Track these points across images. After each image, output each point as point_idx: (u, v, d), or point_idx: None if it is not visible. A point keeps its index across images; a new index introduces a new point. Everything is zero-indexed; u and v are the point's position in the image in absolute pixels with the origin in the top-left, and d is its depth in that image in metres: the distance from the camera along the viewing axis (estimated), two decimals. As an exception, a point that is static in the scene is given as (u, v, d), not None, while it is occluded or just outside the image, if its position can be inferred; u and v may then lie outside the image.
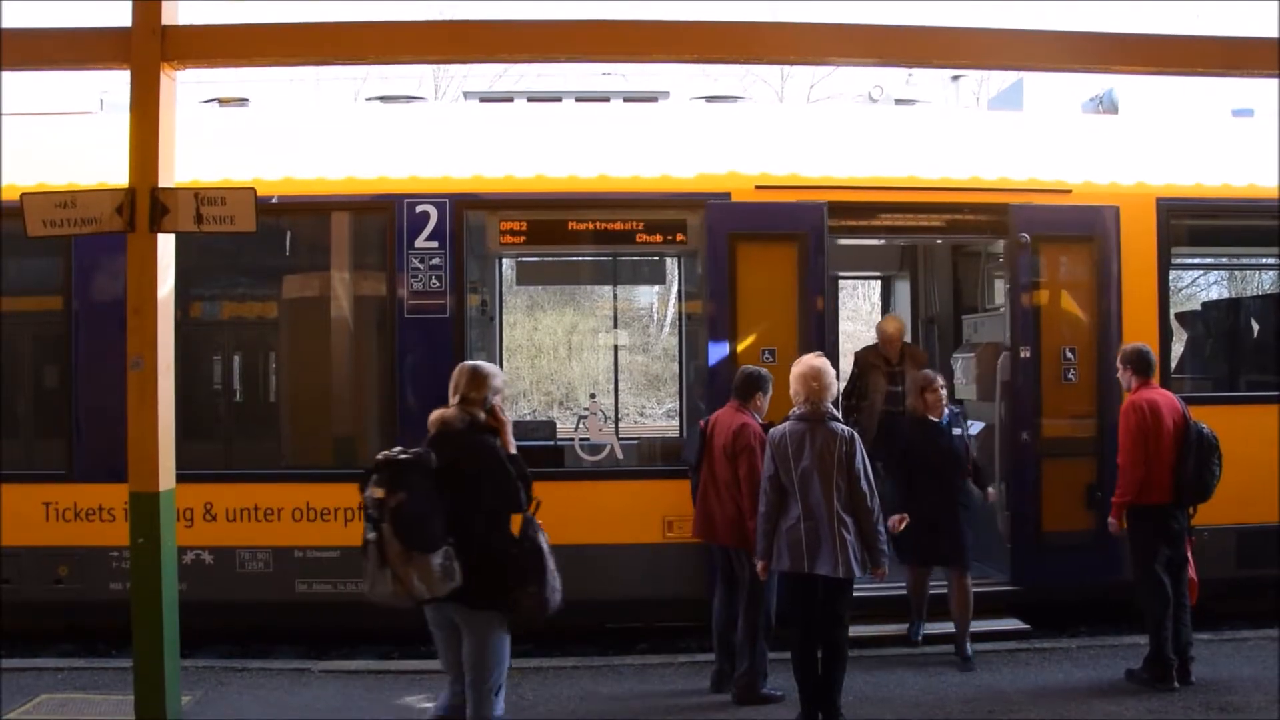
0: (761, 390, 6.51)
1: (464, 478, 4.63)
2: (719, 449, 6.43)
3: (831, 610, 5.88)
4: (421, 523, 4.47)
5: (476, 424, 4.80)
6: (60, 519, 7.73)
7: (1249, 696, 6.48)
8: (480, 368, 4.93)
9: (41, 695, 6.69)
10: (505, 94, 10.67)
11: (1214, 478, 6.58)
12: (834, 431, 5.80)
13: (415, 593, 4.48)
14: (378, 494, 4.45)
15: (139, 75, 5.71)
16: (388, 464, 4.52)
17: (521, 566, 4.69)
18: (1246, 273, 13.11)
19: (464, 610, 4.69)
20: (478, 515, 4.67)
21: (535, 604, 4.72)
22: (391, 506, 4.43)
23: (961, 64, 8.23)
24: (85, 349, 7.72)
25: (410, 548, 4.42)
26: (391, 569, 4.43)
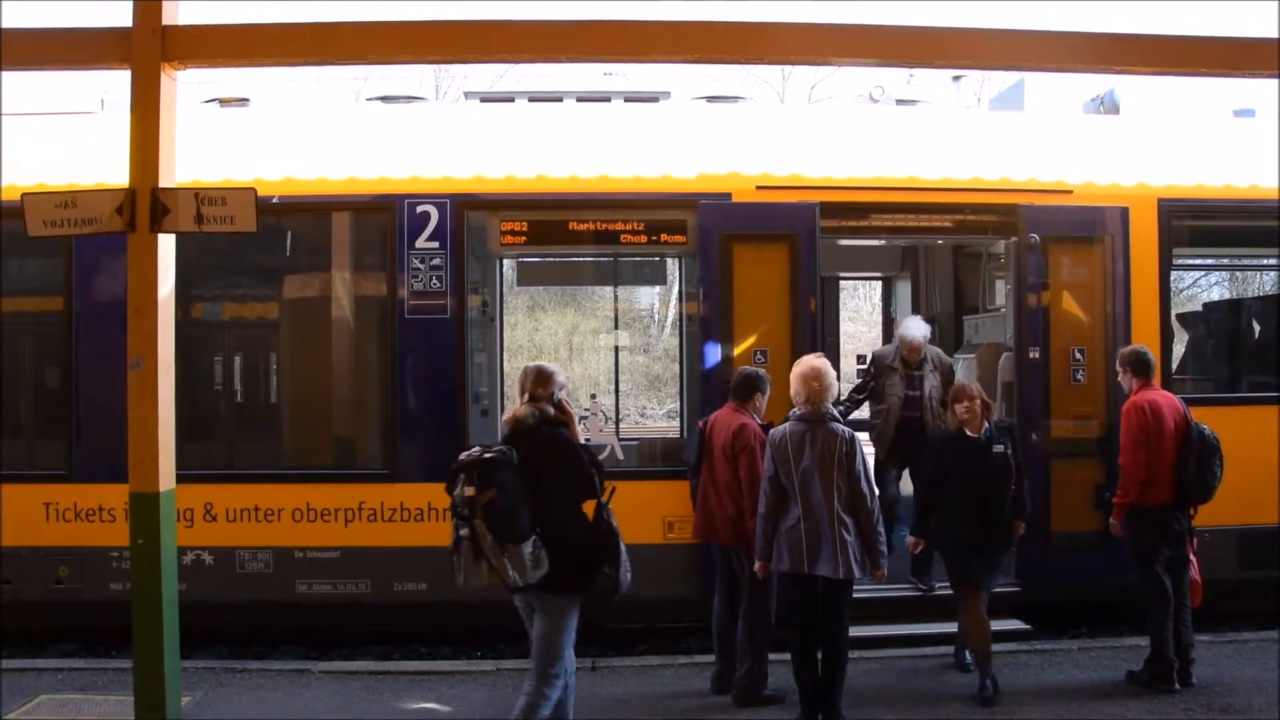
0: (760, 391, 6.53)
1: (540, 469, 4.94)
2: (718, 450, 6.43)
3: (832, 611, 5.90)
4: (512, 516, 4.80)
5: (546, 418, 5.11)
6: (60, 519, 7.74)
7: (1250, 698, 6.48)
8: (544, 368, 5.28)
9: (42, 695, 6.70)
10: (506, 94, 10.67)
11: (1215, 478, 6.61)
12: (834, 432, 5.82)
13: (510, 582, 4.83)
14: (469, 492, 4.79)
15: (139, 75, 5.70)
16: (476, 463, 4.86)
17: (598, 549, 5.04)
18: (1248, 273, 13.09)
19: (545, 595, 5.01)
20: (556, 504, 4.97)
21: (610, 584, 5.06)
22: (483, 503, 4.78)
23: (962, 64, 8.21)
24: (86, 349, 7.72)
25: (503, 540, 4.77)
26: (487, 561, 4.77)
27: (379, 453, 8.02)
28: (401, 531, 7.68)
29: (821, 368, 5.95)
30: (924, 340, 8.29)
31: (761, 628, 6.41)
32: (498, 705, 6.52)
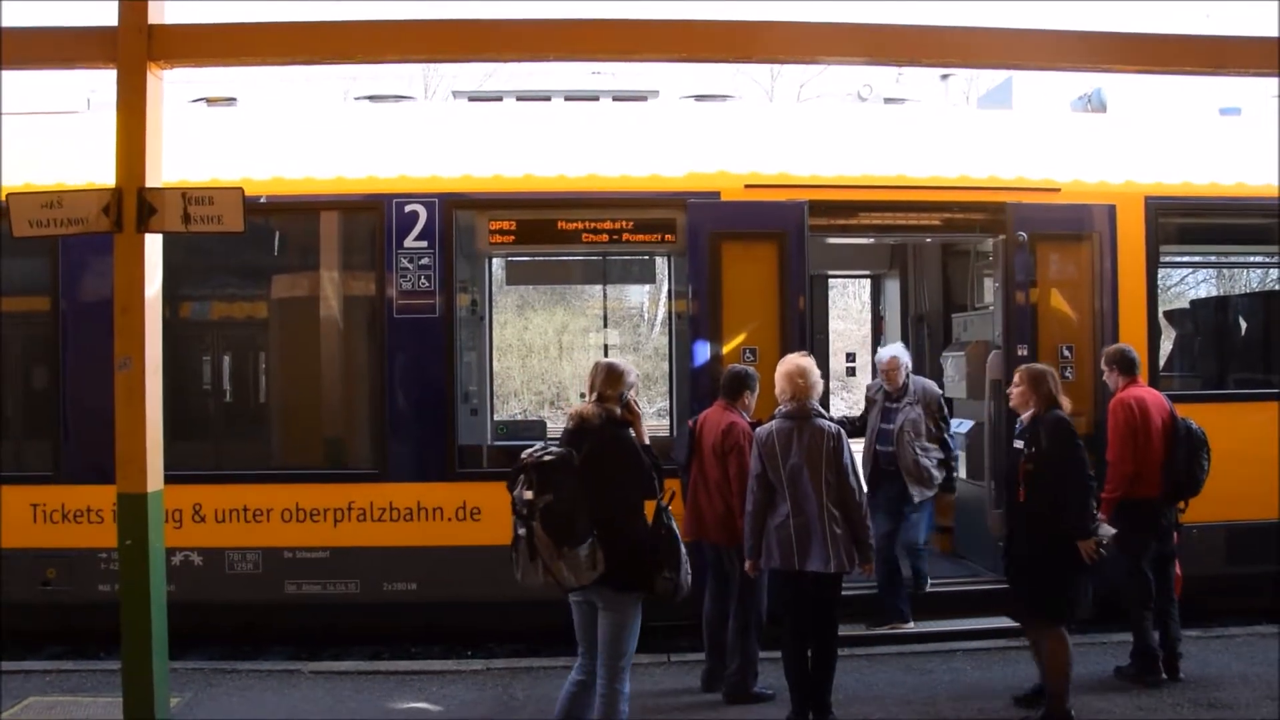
0: (749, 389, 6.56)
1: (603, 470, 4.95)
2: (708, 448, 6.44)
3: (823, 607, 5.93)
4: (569, 520, 4.81)
5: (613, 418, 5.09)
6: (48, 521, 7.70)
7: (1238, 693, 6.51)
8: (615, 365, 5.24)
9: (30, 697, 6.67)
10: (494, 93, 10.66)
11: (1204, 472, 6.70)
12: (821, 428, 5.85)
13: (564, 583, 4.88)
14: (527, 495, 4.83)
15: (126, 75, 5.68)
16: (535, 466, 4.88)
17: (660, 552, 5.05)
18: (1235, 270, 13.16)
19: (607, 592, 5.01)
20: (618, 505, 4.98)
21: (670, 587, 5.06)
22: (541, 507, 4.80)
23: (951, 63, 8.23)
24: (73, 349, 7.69)
25: (560, 544, 4.79)
26: (542, 561, 4.80)
27: (368, 452, 8.01)
28: (391, 531, 7.67)
29: (806, 366, 6.00)
30: (899, 364, 7.94)
31: (752, 625, 6.42)
32: (488, 704, 6.53)
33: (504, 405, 20.86)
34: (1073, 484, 5.79)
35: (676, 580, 5.07)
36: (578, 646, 5.31)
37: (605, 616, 5.08)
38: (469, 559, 7.59)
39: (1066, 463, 5.81)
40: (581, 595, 5.11)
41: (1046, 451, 5.83)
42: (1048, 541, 5.81)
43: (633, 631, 5.12)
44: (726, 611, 6.52)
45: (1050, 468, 5.82)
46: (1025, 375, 6.06)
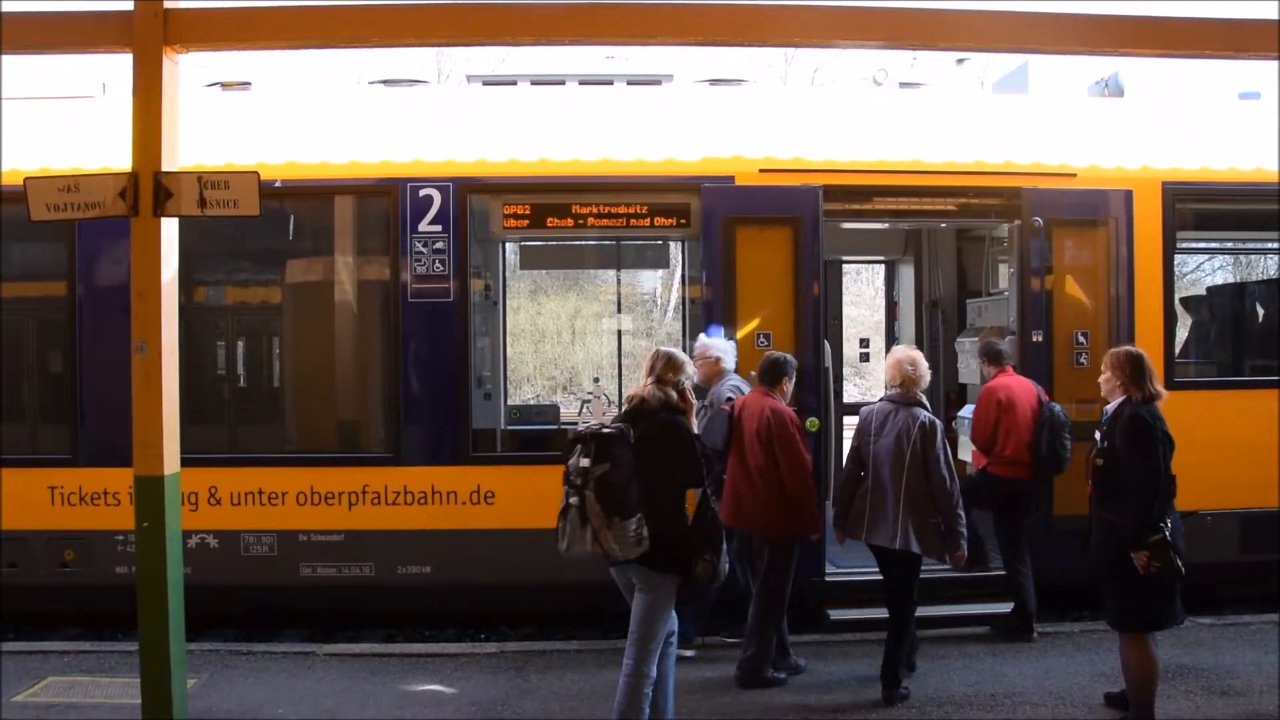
0: (787, 375, 6.56)
1: (654, 451, 5.09)
2: (751, 433, 6.39)
3: (891, 582, 6.27)
4: (622, 491, 4.94)
5: (669, 404, 5.24)
6: (66, 503, 7.76)
7: (1250, 680, 6.51)
8: (676, 354, 5.39)
9: (49, 678, 6.74)
10: (509, 77, 10.64)
11: (1066, 450, 7.23)
12: (917, 416, 6.15)
13: (611, 554, 4.97)
14: (584, 463, 4.96)
15: (141, 59, 5.69)
16: (594, 436, 5.03)
17: (702, 537, 5.17)
18: (1252, 257, 13.06)
19: (646, 572, 5.12)
20: (664, 487, 5.11)
21: (710, 571, 5.17)
22: (596, 475, 4.94)
23: (966, 47, 8.15)
24: (89, 334, 7.74)
25: (611, 513, 4.91)
26: (592, 530, 4.91)
27: (382, 436, 8.04)
28: (405, 515, 7.71)
29: (916, 356, 6.34)
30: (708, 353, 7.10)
31: (773, 612, 6.45)
32: (501, 687, 6.57)
33: (517, 390, 20.91)
34: (1136, 487, 5.38)
35: (716, 564, 5.18)
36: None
37: (640, 596, 5.21)
38: (482, 542, 7.63)
39: (1134, 463, 5.39)
40: (621, 573, 5.26)
41: (1118, 448, 5.47)
42: (1117, 544, 5.46)
43: (665, 614, 5.24)
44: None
45: (1119, 466, 5.46)
46: (1112, 360, 5.60)
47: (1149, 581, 5.37)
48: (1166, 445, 5.42)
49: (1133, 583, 5.41)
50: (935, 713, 6.05)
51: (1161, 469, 5.36)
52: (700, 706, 6.19)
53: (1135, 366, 5.51)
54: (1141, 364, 5.53)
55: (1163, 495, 5.37)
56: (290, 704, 6.29)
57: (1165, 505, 5.38)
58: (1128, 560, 5.37)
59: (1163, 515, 5.35)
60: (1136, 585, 5.40)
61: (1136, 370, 5.51)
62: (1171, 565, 5.32)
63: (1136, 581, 5.39)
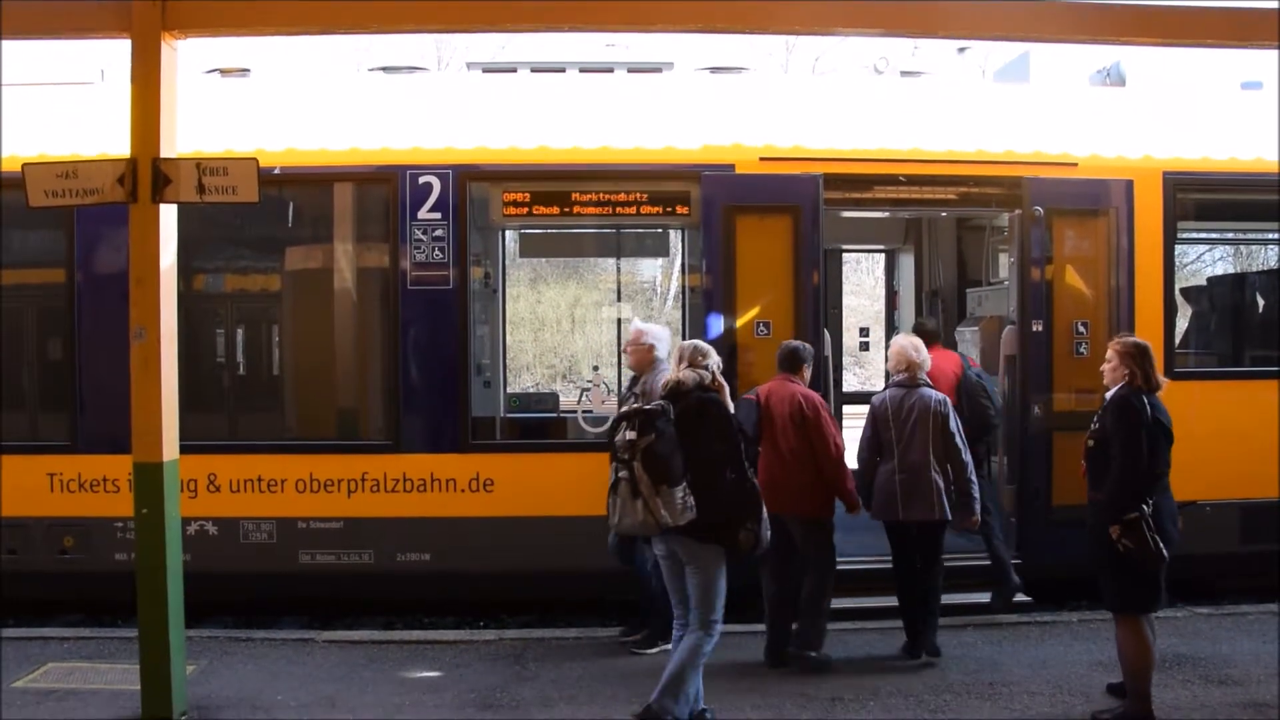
0: (806, 362, 6.76)
1: (692, 429, 5.37)
2: (782, 418, 6.49)
3: (926, 552, 6.70)
4: (667, 460, 5.22)
5: (704, 384, 5.53)
6: (65, 490, 7.76)
7: (1248, 669, 6.52)
8: (702, 344, 5.73)
9: (49, 664, 6.75)
10: (509, 65, 10.60)
11: (990, 412, 7.81)
12: (929, 396, 6.67)
13: (661, 521, 5.21)
14: (630, 436, 5.26)
15: (140, 45, 5.68)
16: (638, 413, 5.36)
17: (743, 506, 5.41)
18: (1253, 247, 13.06)
19: (690, 543, 5.37)
20: (706, 460, 5.35)
21: (752, 539, 5.41)
22: (643, 448, 5.22)
23: (968, 35, 8.16)
24: (88, 321, 7.72)
25: (658, 482, 5.19)
26: (643, 500, 5.18)
27: (382, 424, 8.04)
28: (404, 502, 7.71)
29: (918, 343, 6.89)
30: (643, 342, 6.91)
31: (827, 591, 6.65)
32: (500, 674, 6.58)
33: (517, 378, 20.91)
34: (1117, 465, 5.50)
35: (758, 533, 5.42)
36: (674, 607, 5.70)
37: (692, 573, 5.46)
38: (482, 530, 7.64)
39: (1116, 444, 5.51)
40: (666, 549, 5.50)
41: (1107, 430, 5.61)
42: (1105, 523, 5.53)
43: (720, 585, 5.47)
44: (787, 585, 6.60)
45: (1107, 447, 5.58)
46: (1117, 349, 5.69)
47: (1134, 563, 5.44)
48: (1155, 432, 5.50)
49: (1119, 563, 5.50)
50: (933, 701, 6.06)
51: (1141, 452, 5.45)
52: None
53: (1142, 355, 5.61)
54: (1147, 353, 5.63)
55: (1140, 476, 5.45)
56: (289, 690, 6.30)
57: (1144, 487, 5.46)
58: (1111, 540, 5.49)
59: (1140, 495, 5.43)
60: (1122, 565, 5.49)
61: (1143, 359, 5.60)
62: (1146, 546, 5.39)
63: (1123, 562, 5.48)
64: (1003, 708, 5.99)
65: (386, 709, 6.01)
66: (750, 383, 7.36)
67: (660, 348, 6.80)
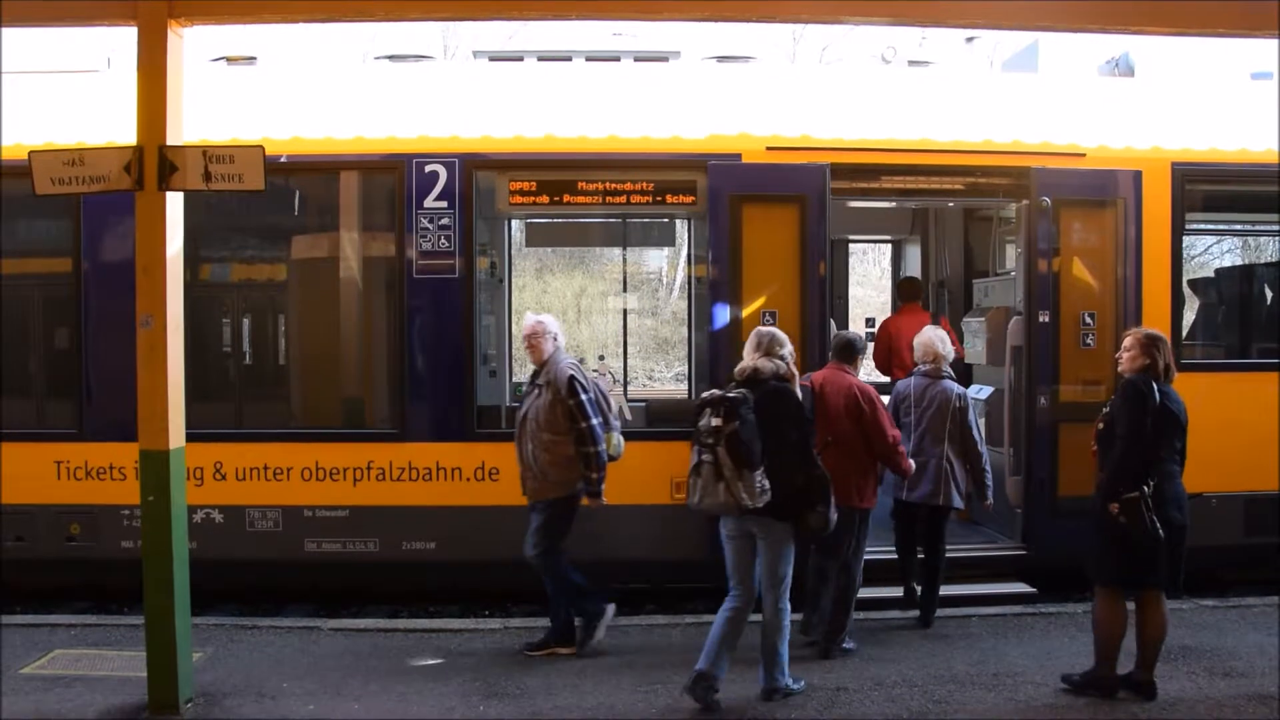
0: (861, 352, 6.90)
1: (771, 414, 5.64)
2: (836, 409, 6.53)
3: (932, 533, 7.12)
4: (750, 446, 5.51)
5: (779, 373, 5.81)
6: (72, 477, 7.78)
7: (1252, 661, 6.52)
8: (778, 333, 5.99)
9: (55, 650, 6.78)
10: (515, 53, 10.59)
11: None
12: (950, 389, 7.08)
13: (743, 503, 5.52)
14: (716, 422, 5.53)
15: (146, 32, 5.67)
16: (722, 400, 5.61)
17: (815, 489, 5.73)
18: (1260, 239, 13.00)
19: (765, 522, 5.70)
20: (781, 445, 5.65)
21: (821, 520, 5.77)
22: (727, 433, 5.50)
23: (976, 24, 8.14)
24: (95, 309, 7.74)
25: (740, 466, 5.49)
26: (726, 483, 5.48)
27: (388, 412, 8.05)
28: (410, 491, 7.73)
29: (944, 335, 7.28)
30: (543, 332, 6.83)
31: (858, 580, 6.75)
32: (505, 662, 6.60)
33: (522, 368, 20.87)
34: (1119, 446, 5.69)
35: (827, 514, 5.78)
36: (729, 581, 5.94)
37: (765, 547, 5.78)
38: (487, 519, 7.64)
39: (1120, 423, 5.72)
40: (738, 529, 5.80)
41: (1115, 412, 5.83)
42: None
43: (789, 558, 5.82)
44: (826, 567, 6.68)
45: (1116, 427, 5.76)
46: (1136, 339, 5.86)
47: (1125, 540, 5.66)
48: (1162, 418, 5.66)
49: (1114, 539, 5.71)
50: (939, 691, 6.06)
51: (1144, 434, 5.64)
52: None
53: (1160, 345, 5.81)
54: (1165, 343, 5.85)
55: (1141, 458, 5.65)
56: (294, 678, 6.32)
57: (1145, 469, 5.65)
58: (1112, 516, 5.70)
59: (1140, 476, 5.63)
60: (1113, 538, 5.71)
61: (1162, 348, 5.80)
62: (1143, 525, 5.58)
63: (1118, 538, 5.68)
64: (1007, 698, 5.99)
65: (392, 697, 6.03)
66: None
67: (560, 338, 6.83)
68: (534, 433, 6.63)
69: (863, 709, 5.85)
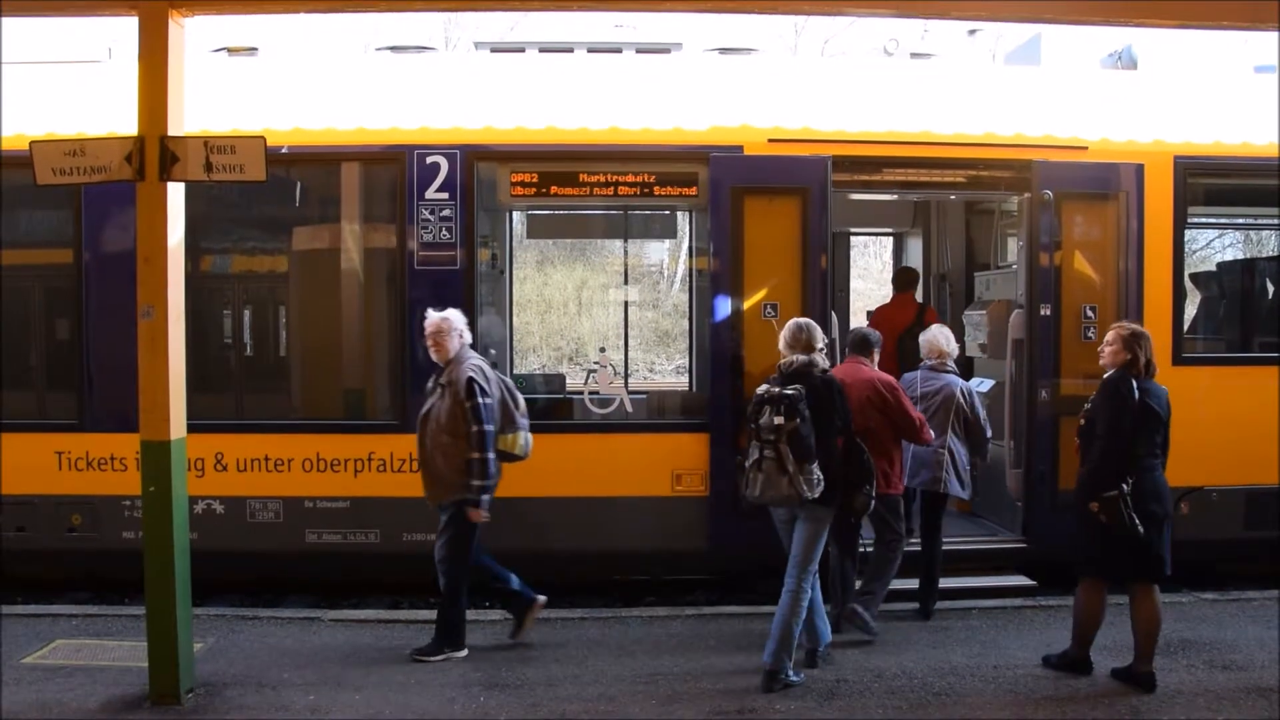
0: (876, 347, 7.10)
1: (819, 406, 5.93)
2: (862, 400, 6.65)
3: (930, 518, 7.26)
4: (807, 442, 5.81)
5: (822, 365, 6.13)
6: (73, 468, 7.79)
7: (1252, 655, 6.53)
8: (813, 324, 6.23)
9: (57, 640, 6.80)
10: (517, 45, 10.57)
11: None
12: (955, 382, 7.28)
13: (803, 494, 5.80)
14: (779, 420, 5.81)
15: (147, 22, 5.66)
16: (782, 398, 5.86)
17: (859, 473, 6.17)
18: (1262, 233, 12.98)
19: (815, 506, 5.93)
20: (828, 434, 5.96)
21: (866, 502, 6.24)
22: (788, 430, 5.78)
23: (978, 16, 8.12)
24: (96, 300, 7.73)
25: (801, 460, 5.79)
26: (789, 477, 5.77)
27: (388, 403, 8.05)
28: (411, 482, 7.68)
29: (949, 333, 7.53)
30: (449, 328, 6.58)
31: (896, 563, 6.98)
32: (505, 654, 6.61)
33: (523, 360, 20.90)
34: (1099, 445, 5.85)
35: (870, 495, 6.21)
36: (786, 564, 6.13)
37: (803, 528, 6.02)
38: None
39: (1101, 422, 5.87)
40: (788, 514, 6.07)
41: (1095, 409, 5.96)
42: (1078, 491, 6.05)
43: (823, 541, 6.09)
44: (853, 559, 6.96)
45: (1096, 425, 5.91)
46: (1118, 334, 5.98)
47: (1107, 534, 5.82)
48: (1143, 415, 5.78)
49: (1096, 534, 5.89)
50: (939, 683, 6.07)
51: (1124, 433, 5.76)
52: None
53: (1142, 340, 5.91)
54: (1146, 339, 5.94)
55: (1121, 457, 5.77)
56: (295, 669, 6.33)
57: (1124, 467, 5.77)
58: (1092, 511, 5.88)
59: (1120, 474, 5.75)
60: (1096, 534, 5.89)
61: (1143, 344, 5.89)
62: (1123, 522, 5.73)
63: (1100, 532, 5.86)
64: (1006, 690, 6.00)
65: (392, 688, 6.04)
66: (757, 365, 7.52)
67: (467, 335, 6.64)
68: (434, 433, 6.46)
69: (862, 700, 5.86)
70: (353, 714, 5.67)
